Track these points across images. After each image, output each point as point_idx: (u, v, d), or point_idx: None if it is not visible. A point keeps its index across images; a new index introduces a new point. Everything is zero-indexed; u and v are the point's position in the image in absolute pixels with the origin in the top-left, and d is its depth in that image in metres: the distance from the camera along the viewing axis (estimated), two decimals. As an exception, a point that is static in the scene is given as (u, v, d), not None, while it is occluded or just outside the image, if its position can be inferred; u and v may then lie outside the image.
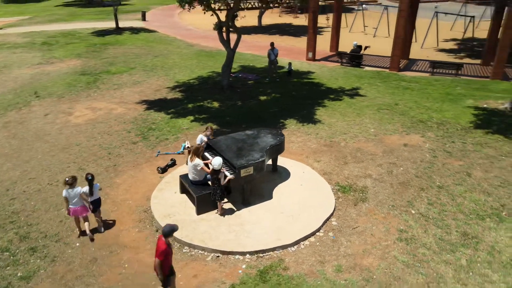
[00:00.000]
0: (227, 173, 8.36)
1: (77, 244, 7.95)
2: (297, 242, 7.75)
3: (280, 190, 9.29)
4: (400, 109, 14.01)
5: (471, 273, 7.00)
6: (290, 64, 18.25)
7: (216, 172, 8.13)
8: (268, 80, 17.58)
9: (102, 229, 8.28)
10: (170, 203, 8.89)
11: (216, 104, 14.88)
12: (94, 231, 8.18)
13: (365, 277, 6.95)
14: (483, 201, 8.93)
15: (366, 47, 20.91)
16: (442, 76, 18.48)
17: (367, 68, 20.04)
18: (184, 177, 9.01)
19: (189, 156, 8.60)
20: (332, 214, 8.54)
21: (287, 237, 7.79)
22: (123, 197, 9.45)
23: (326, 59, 22.02)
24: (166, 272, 6.04)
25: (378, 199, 9.07)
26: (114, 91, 16.67)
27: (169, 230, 5.95)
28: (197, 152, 8.49)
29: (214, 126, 13.03)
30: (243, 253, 7.49)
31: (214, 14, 15.05)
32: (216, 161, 8.05)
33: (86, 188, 7.85)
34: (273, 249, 7.57)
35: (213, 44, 25.85)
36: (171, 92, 16.47)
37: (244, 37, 29.34)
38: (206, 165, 8.56)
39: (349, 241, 7.82)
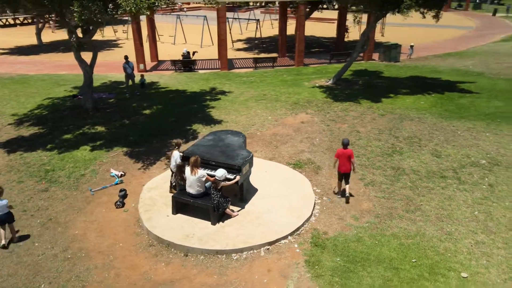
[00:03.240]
0: (230, 176, 8.52)
1: (113, 306, 6.56)
2: (312, 213, 8.89)
3: (255, 181, 9.95)
4: (271, 97, 16.37)
5: (420, 188, 9.98)
6: (142, 75, 17.75)
7: (217, 181, 8.23)
8: (129, 96, 16.61)
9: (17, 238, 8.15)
10: (175, 226, 8.25)
11: (101, 128, 13.28)
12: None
13: (374, 215, 8.87)
14: (381, 145, 12.29)
15: (194, 52, 22.31)
16: (265, 68, 22.05)
17: (200, 71, 21.52)
18: (180, 195, 8.51)
19: (190, 170, 8.22)
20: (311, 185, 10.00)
21: (302, 212, 8.78)
22: (106, 244, 8.00)
23: (155, 68, 22.15)
24: None
25: (326, 164, 11.09)
26: None
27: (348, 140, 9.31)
28: (196, 164, 8.23)
29: (124, 149, 11.93)
30: (285, 237, 8.07)
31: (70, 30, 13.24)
32: (220, 172, 8.19)
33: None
34: (302, 225, 8.47)
35: (3, 69, 21.52)
36: (21, 129, 13.43)
37: (35, 58, 25.54)
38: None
39: (340, 198, 9.54)
